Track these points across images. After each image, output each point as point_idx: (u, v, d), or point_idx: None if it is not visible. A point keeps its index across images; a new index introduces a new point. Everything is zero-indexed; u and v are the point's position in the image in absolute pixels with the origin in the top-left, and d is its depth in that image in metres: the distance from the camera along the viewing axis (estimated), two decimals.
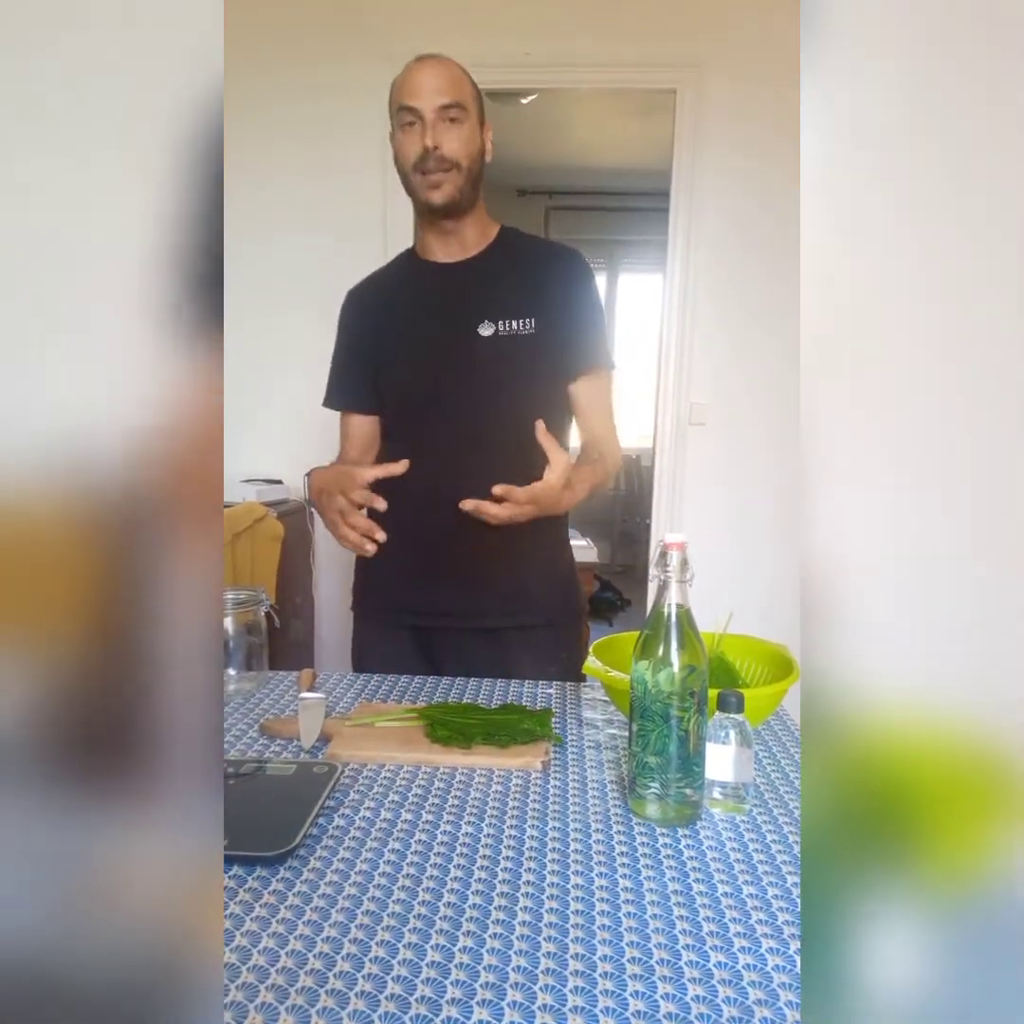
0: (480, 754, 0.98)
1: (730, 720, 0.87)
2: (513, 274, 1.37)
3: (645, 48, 2.90)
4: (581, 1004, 0.59)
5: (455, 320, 1.35)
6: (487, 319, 1.33)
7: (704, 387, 3.05)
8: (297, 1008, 0.58)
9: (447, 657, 1.41)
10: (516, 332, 1.33)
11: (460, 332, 1.34)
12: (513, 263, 1.38)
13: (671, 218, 2.98)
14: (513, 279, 1.36)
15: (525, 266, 1.38)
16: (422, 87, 1.26)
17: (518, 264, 1.38)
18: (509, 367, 1.34)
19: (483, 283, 1.36)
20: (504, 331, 1.33)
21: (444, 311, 1.36)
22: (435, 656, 1.42)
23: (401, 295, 1.42)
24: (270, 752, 1.02)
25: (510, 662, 1.36)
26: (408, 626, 1.42)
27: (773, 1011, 0.59)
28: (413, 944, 0.65)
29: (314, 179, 3.03)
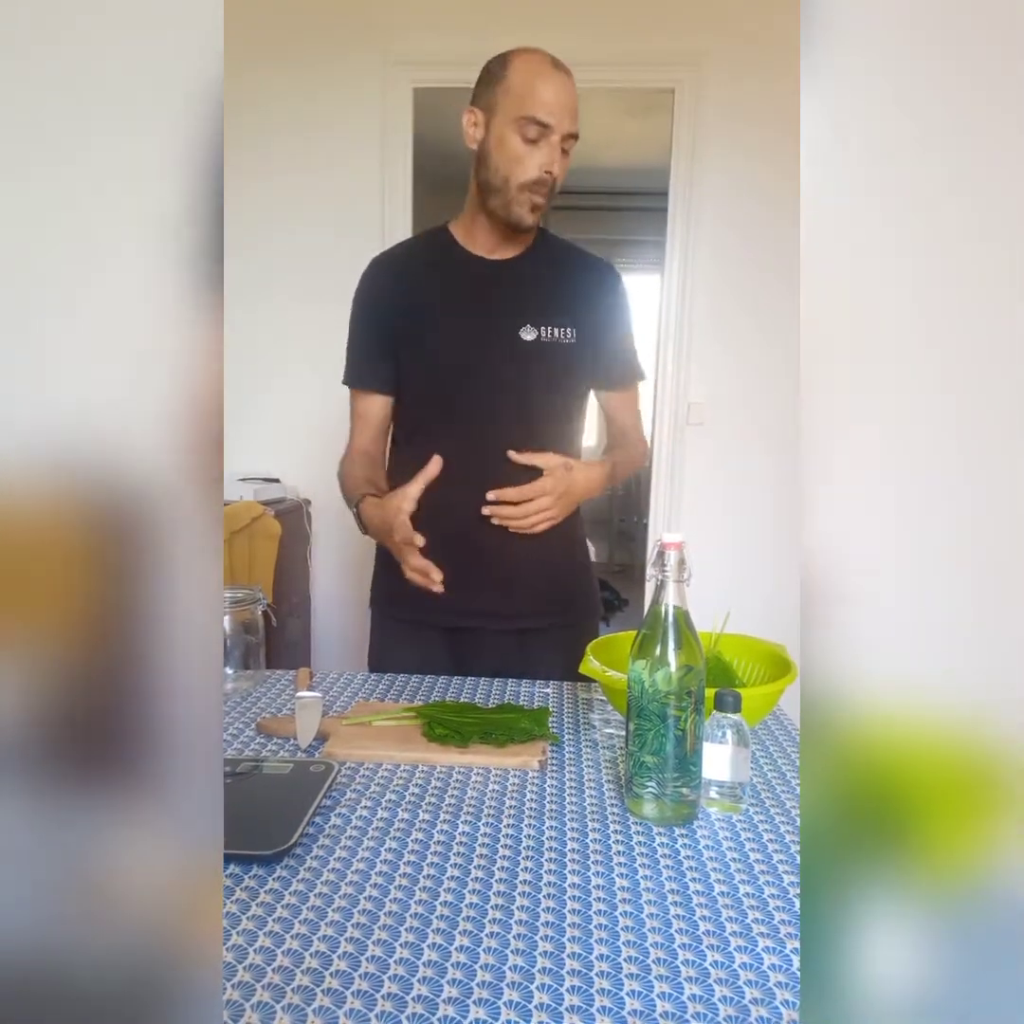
0: (477, 753, 0.98)
1: (727, 720, 0.87)
2: (554, 280, 1.37)
3: (644, 47, 2.90)
4: (578, 1003, 0.59)
5: (497, 319, 1.34)
6: (529, 323, 1.32)
7: (702, 387, 3.05)
8: (293, 1007, 0.58)
9: (474, 658, 1.40)
10: (557, 340, 1.33)
11: (501, 332, 1.33)
12: (555, 270, 1.38)
13: (669, 218, 2.98)
14: (555, 285, 1.37)
15: (565, 273, 1.39)
16: (559, 106, 1.21)
17: (559, 271, 1.38)
18: (547, 373, 1.34)
19: (525, 285, 1.36)
20: (547, 337, 1.33)
21: (486, 307, 1.34)
22: (461, 657, 1.41)
23: (441, 280, 1.37)
24: (267, 751, 1.02)
25: (535, 662, 1.37)
26: (436, 627, 1.41)
27: (769, 1010, 0.59)
28: (410, 943, 0.65)
29: (313, 177, 3.02)
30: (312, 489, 3.04)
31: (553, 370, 1.34)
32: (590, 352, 1.37)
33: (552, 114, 1.20)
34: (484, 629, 1.39)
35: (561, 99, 1.21)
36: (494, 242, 1.35)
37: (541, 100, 1.20)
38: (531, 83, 1.21)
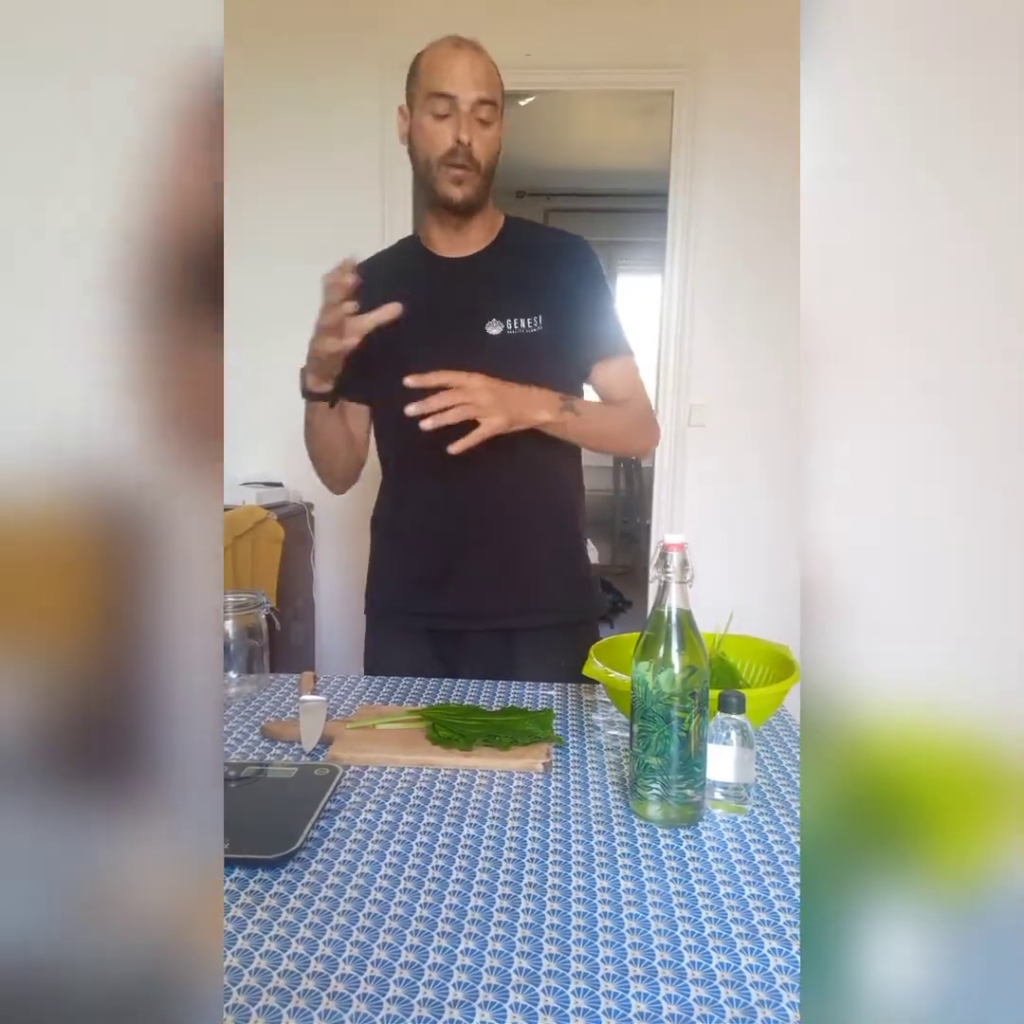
0: (481, 756, 0.98)
1: (731, 721, 0.87)
2: (519, 270, 1.36)
3: (643, 49, 2.90)
4: (584, 1006, 0.59)
5: (463, 317, 1.33)
6: (495, 317, 1.32)
7: (703, 388, 3.05)
8: (299, 1011, 0.58)
9: (464, 660, 1.39)
10: (524, 331, 1.32)
11: (469, 330, 1.33)
12: (519, 258, 1.37)
13: (669, 219, 2.99)
14: (519, 275, 1.35)
15: (530, 260, 1.37)
16: (462, 76, 1.23)
17: (524, 259, 1.37)
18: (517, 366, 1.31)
19: (489, 280, 1.35)
20: (512, 329, 1.32)
21: (451, 307, 1.34)
22: (451, 659, 1.40)
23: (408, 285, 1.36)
24: (271, 755, 1.02)
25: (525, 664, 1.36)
26: (424, 630, 1.40)
27: (776, 1012, 0.59)
28: (415, 946, 0.65)
29: (313, 186, 3.03)
30: (315, 493, 3.04)
31: (522, 361, 1.30)
32: (564, 335, 1.34)
33: (454, 84, 1.22)
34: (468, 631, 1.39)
35: (464, 70, 1.23)
36: (448, 237, 1.35)
37: (441, 75, 1.23)
38: (432, 63, 1.25)
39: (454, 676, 1.33)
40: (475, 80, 1.23)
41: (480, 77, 1.24)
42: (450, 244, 1.37)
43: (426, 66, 1.26)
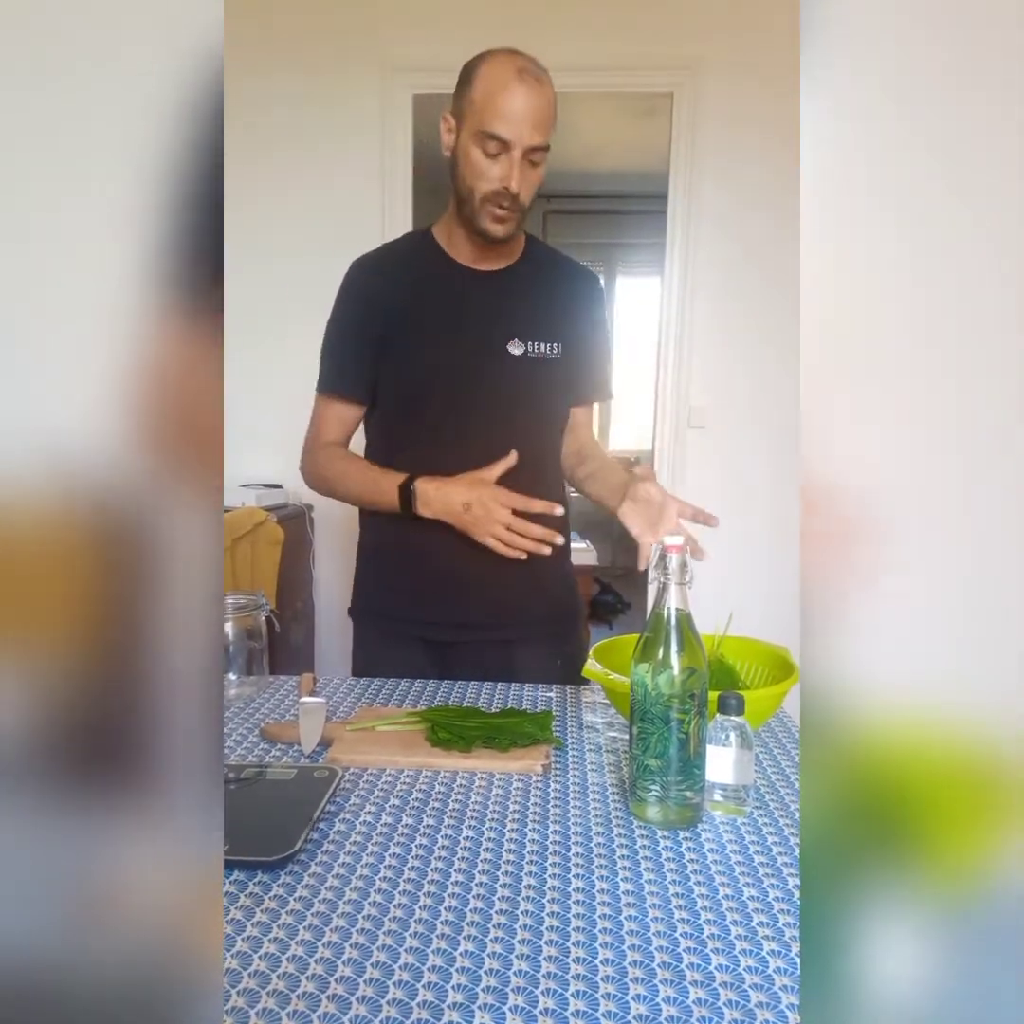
0: (481, 758, 0.98)
1: (730, 722, 0.87)
2: (540, 293, 1.37)
3: (642, 51, 2.91)
4: (583, 1008, 0.59)
5: (484, 333, 1.33)
6: (517, 337, 1.32)
7: (703, 389, 3.05)
8: (298, 1014, 0.58)
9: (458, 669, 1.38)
10: (544, 355, 1.34)
11: (490, 347, 1.32)
12: (540, 280, 1.38)
13: (669, 221, 2.99)
14: (540, 298, 1.36)
15: (551, 286, 1.38)
16: (520, 119, 1.16)
17: (545, 282, 1.38)
18: (534, 388, 1.34)
19: (512, 298, 1.35)
20: (533, 352, 1.33)
21: (474, 319, 1.33)
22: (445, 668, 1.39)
23: (428, 287, 1.35)
24: (270, 757, 1.01)
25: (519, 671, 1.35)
26: (418, 638, 1.40)
27: (775, 1014, 0.58)
28: (414, 948, 0.65)
29: (313, 185, 3.03)
30: (314, 495, 3.03)
31: (539, 386, 1.35)
32: (575, 367, 1.38)
33: (511, 130, 1.16)
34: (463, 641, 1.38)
35: (523, 112, 1.16)
36: (474, 251, 1.34)
37: (500, 115, 1.16)
38: (492, 96, 1.17)
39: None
40: (533, 124, 1.17)
41: (539, 119, 1.17)
42: (474, 256, 1.34)
43: (482, 93, 1.18)
